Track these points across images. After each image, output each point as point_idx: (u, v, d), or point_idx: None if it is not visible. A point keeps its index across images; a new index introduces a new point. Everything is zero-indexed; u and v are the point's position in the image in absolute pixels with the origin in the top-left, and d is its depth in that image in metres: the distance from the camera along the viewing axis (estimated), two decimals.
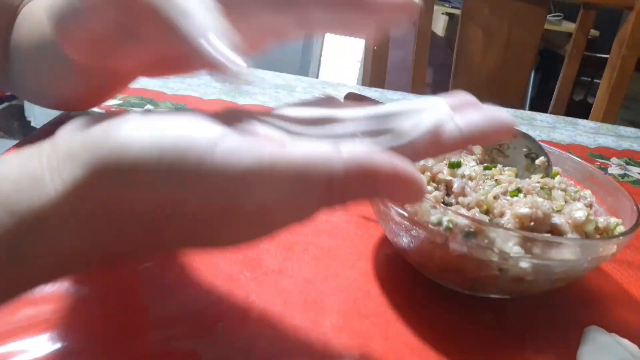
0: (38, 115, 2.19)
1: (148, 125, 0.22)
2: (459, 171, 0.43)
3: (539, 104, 2.46)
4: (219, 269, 0.40)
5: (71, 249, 0.23)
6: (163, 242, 0.24)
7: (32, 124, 2.22)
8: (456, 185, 0.40)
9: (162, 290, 0.37)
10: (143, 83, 0.75)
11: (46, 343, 0.32)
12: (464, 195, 0.40)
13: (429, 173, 0.42)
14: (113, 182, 0.22)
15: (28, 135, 0.57)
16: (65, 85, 0.47)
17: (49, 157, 0.23)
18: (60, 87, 0.48)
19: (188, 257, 0.40)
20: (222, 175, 0.21)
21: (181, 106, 0.70)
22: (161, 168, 0.21)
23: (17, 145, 0.54)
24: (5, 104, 2.45)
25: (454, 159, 0.43)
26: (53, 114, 0.60)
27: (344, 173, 0.22)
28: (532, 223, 0.38)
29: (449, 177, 0.41)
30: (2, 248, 0.22)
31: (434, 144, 0.25)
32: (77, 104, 0.55)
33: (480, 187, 0.42)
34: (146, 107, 0.68)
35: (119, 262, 0.24)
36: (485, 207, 0.39)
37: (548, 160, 0.48)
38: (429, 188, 0.42)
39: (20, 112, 2.28)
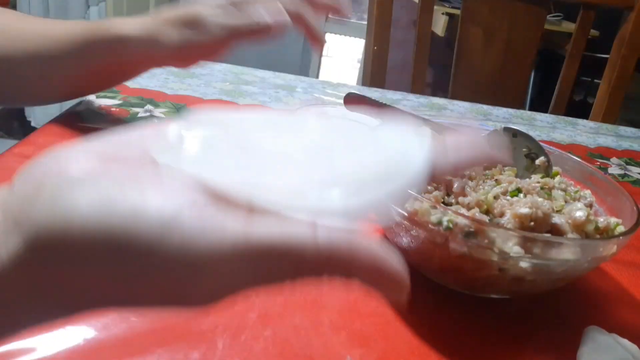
0: (38, 115, 2.19)
1: (96, 198, 0.20)
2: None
3: (539, 104, 2.46)
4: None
5: (20, 312, 0.21)
6: (116, 304, 0.22)
7: (32, 124, 2.22)
8: (456, 185, 0.40)
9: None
10: (143, 83, 0.75)
11: (46, 343, 0.32)
12: (464, 195, 0.40)
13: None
14: (54, 257, 0.20)
15: (28, 135, 0.57)
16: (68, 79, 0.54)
17: (4, 226, 0.21)
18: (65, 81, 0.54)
19: None
20: (175, 260, 0.20)
21: (181, 106, 0.70)
22: (109, 248, 0.20)
23: (17, 146, 0.54)
24: None
25: None
26: (53, 114, 0.60)
27: (315, 258, 0.21)
28: (532, 223, 0.38)
29: (448, 177, 0.41)
30: None
31: None
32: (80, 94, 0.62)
33: (480, 187, 0.42)
34: (146, 107, 0.68)
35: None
36: (485, 207, 0.39)
37: (548, 160, 0.48)
38: (429, 188, 0.42)
39: (20, 112, 2.28)
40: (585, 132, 0.89)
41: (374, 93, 0.91)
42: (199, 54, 0.54)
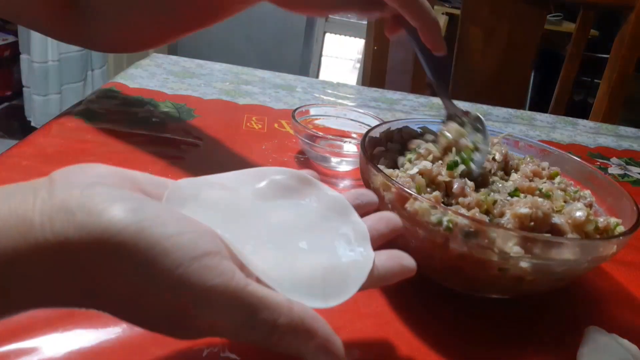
0: (38, 115, 2.19)
1: (147, 219, 0.24)
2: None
3: (539, 104, 2.46)
4: None
5: (33, 289, 0.24)
6: (116, 311, 0.26)
7: (32, 124, 2.21)
8: (456, 185, 0.40)
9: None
10: (143, 83, 0.75)
11: (47, 343, 0.32)
12: (464, 195, 0.40)
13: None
14: (100, 254, 0.23)
15: (28, 135, 0.57)
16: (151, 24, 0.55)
17: (44, 202, 0.24)
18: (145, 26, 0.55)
19: None
20: (192, 284, 0.24)
21: (181, 106, 0.70)
22: (143, 260, 0.23)
23: (17, 146, 0.54)
24: (5, 104, 2.45)
25: (451, 160, 0.43)
26: (53, 114, 0.60)
27: (287, 324, 0.26)
28: (532, 223, 0.38)
29: (447, 179, 0.41)
30: None
31: None
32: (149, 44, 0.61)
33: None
34: (146, 107, 0.68)
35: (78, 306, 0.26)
36: (485, 207, 0.39)
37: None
38: (427, 189, 0.42)
39: (20, 112, 2.28)
40: (585, 132, 0.89)
41: (374, 93, 0.91)
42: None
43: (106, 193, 0.25)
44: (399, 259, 0.32)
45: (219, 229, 0.28)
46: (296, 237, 0.31)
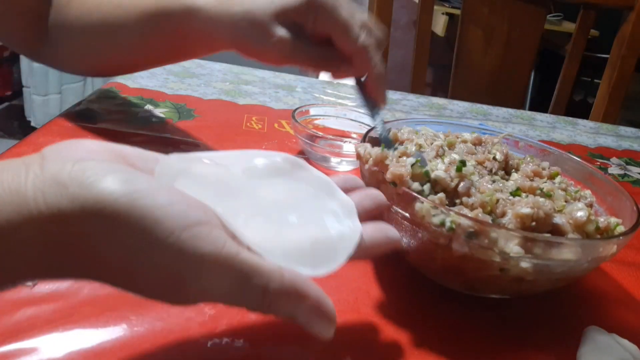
0: (38, 115, 2.19)
1: (139, 190, 0.25)
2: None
3: (539, 104, 2.46)
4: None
5: (30, 262, 0.25)
6: (111, 281, 0.26)
7: (32, 124, 2.21)
8: (462, 185, 0.40)
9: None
10: (143, 83, 0.75)
11: (47, 343, 0.32)
12: (469, 195, 0.40)
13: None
14: (93, 224, 0.24)
15: (28, 135, 0.57)
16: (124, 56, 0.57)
17: (36, 176, 0.24)
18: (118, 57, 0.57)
19: None
20: (183, 252, 0.25)
21: (181, 106, 0.70)
22: (136, 229, 0.24)
23: (17, 146, 0.54)
24: (6, 104, 2.45)
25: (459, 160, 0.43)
26: (53, 114, 0.60)
27: (278, 289, 0.27)
28: (533, 223, 0.38)
29: (442, 175, 0.41)
30: None
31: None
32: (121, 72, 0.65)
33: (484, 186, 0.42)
34: (146, 107, 0.68)
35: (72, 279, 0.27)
36: (489, 208, 0.39)
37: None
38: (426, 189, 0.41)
39: (20, 112, 2.28)
40: (585, 132, 0.89)
41: None
42: (257, 55, 0.50)
43: (97, 166, 0.25)
44: (385, 231, 0.34)
45: (210, 202, 0.28)
46: (286, 212, 0.32)
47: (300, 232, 0.31)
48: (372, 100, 0.51)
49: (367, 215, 0.35)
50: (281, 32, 0.48)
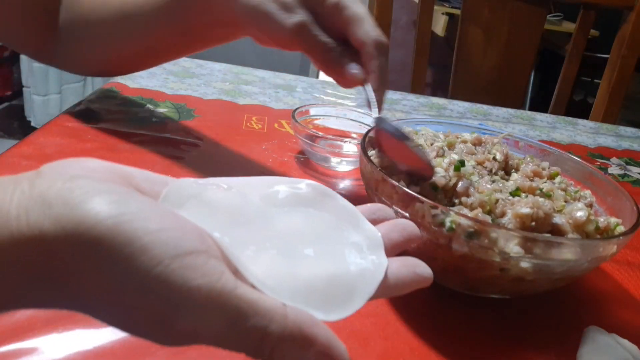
0: (38, 115, 2.19)
1: (128, 213, 0.22)
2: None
3: (539, 104, 2.46)
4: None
5: (12, 287, 0.23)
6: (96, 314, 0.24)
7: (32, 124, 2.21)
8: (460, 184, 0.40)
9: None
10: (143, 83, 0.75)
11: (47, 343, 0.32)
12: (467, 195, 0.40)
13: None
14: (75, 248, 0.22)
15: (28, 135, 0.57)
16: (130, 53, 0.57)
17: (22, 194, 0.23)
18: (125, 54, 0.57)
19: None
20: (171, 284, 0.22)
21: (181, 106, 0.70)
22: (121, 256, 0.22)
23: (17, 146, 0.54)
24: (5, 104, 2.45)
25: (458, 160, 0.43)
26: (53, 114, 0.60)
27: (280, 332, 0.23)
28: (533, 223, 0.38)
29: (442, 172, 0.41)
30: None
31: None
32: (126, 70, 0.65)
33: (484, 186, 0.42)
34: (146, 107, 0.68)
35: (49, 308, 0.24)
36: (488, 208, 0.39)
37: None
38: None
39: (20, 112, 2.28)
40: (585, 132, 0.89)
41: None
42: (271, 33, 0.50)
43: (88, 185, 0.23)
44: (413, 267, 0.30)
45: (218, 230, 0.26)
46: (302, 244, 0.29)
47: (316, 268, 0.27)
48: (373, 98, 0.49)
49: (395, 248, 0.31)
50: (303, 12, 0.48)
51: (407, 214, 0.37)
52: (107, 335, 0.33)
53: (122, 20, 0.54)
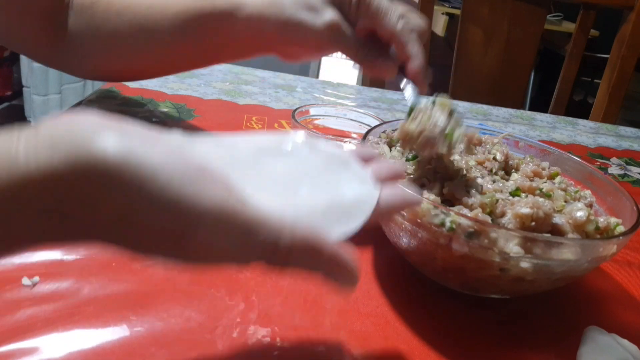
0: (38, 115, 2.19)
1: (134, 145, 0.23)
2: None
3: (539, 104, 2.46)
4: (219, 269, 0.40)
5: (31, 227, 0.23)
6: (113, 240, 0.25)
7: (32, 124, 2.21)
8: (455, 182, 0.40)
9: (162, 289, 0.37)
10: (143, 83, 0.75)
11: (47, 343, 0.32)
12: (467, 195, 0.40)
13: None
14: (88, 182, 0.23)
15: None
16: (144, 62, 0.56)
17: (28, 139, 0.23)
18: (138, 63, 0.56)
19: None
20: (183, 202, 0.23)
21: (181, 106, 0.70)
22: (133, 182, 0.23)
23: None
24: (5, 104, 2.45)
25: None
26: (53, 114, 0.60)
27: (290, 244, 0.25)
28: (533, 223, 0.38)
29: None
30: None
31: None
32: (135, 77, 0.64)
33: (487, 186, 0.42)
34: (146, 107, 0.68)
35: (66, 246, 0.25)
36: (488, 208, 0.39)
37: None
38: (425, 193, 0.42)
39: (20, 112, 2.28)
40: (585, 132, 0.89)
41: (374, 93, 0.91)
42: (305, 41, 0.50)
43: (92, 122, 0.24)
44: (402, 194, 0.32)
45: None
46: (297, 184, 0.30)
47: (313, 199, 0.29)
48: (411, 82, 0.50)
49: (384, 183, 0.33)
50: (332, 12, 0.48)
51: (406, 214, 0.37)
52: (107, 335, 0.33)
53: (138, 32, 0.53)
